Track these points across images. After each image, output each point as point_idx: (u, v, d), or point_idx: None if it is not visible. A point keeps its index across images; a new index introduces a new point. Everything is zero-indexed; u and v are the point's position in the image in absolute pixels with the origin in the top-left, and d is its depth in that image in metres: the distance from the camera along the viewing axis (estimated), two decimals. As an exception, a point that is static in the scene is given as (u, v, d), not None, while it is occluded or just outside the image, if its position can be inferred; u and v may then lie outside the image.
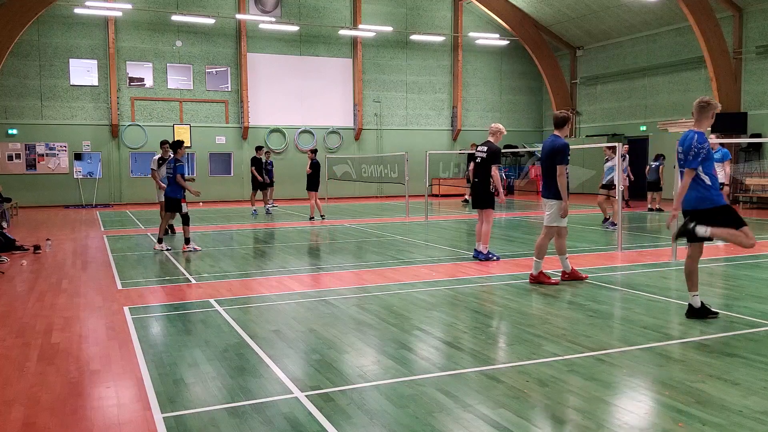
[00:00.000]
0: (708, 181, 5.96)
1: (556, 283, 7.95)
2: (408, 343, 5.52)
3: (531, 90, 30.75)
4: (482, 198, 9.84)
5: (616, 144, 11.58)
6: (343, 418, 3.89)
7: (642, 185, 21.16)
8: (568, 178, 7.90)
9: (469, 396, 4.23)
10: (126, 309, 6.87)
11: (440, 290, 7.77)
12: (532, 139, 30.67)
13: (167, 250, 11.25)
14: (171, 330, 6.03)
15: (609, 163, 15.01)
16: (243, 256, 10.95)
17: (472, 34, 28.16)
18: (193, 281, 8.50)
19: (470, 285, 8.08)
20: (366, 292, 7.70)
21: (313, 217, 17.03)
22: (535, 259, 8.01)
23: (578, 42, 28.04)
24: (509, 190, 29.14)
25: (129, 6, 22.99)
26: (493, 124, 9.96)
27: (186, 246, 11.21)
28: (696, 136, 6.03)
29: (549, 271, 8.33)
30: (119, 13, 23.21)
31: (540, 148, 9.62)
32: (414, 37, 27.74)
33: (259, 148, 19.04)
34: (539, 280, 7.98)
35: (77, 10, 22.21)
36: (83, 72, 23.78)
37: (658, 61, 24.48)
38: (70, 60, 23.42)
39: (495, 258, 9.94)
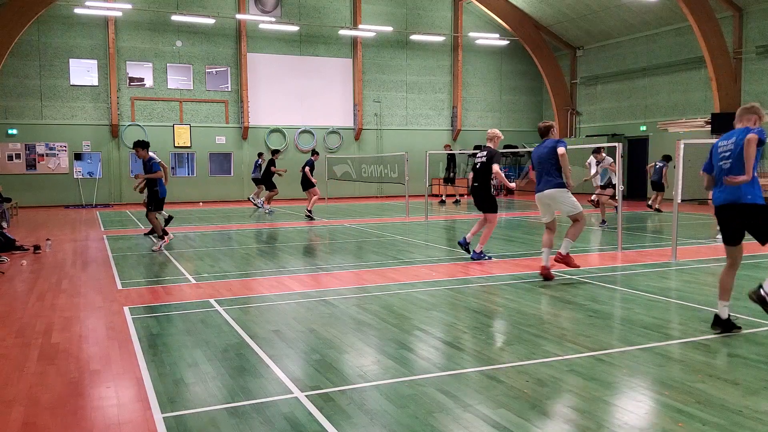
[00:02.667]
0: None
1: (578, 266, 8.36)
2: (408, 343, 5.52)
3: (531, 90, 30.74)
4: (484, 202, 9.87)
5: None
6: (343, 418, 3.89)
7: (640, 185, 21.19)
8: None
9: (469, 396, 4.23)
10: (126, 309, 6.87)
11: (440, 290, 7.77)
12: (532, 139, 30.64)
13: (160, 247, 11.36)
14: (171, 330, 6.03)
15: (603, 164, 15.15)
16: (243, 256, 10.95)
17: (472, 34, 28.16)
18: (193, 281, 8.50)
19: (470, 285, 8.08)
20: (366, 292, 7.70)
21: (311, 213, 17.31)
22: (566, 238, 8.20)
23: (578, 42, 28.04)
24: (509, 189, 29.15)
25: (129, 6, 22.98)
26: (490, 130, 9.99)
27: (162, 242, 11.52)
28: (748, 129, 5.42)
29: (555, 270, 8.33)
30: (119, 13, 23.21)
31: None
32: (414, 37, 27.74)
33: (275, 152, 19.59)
34: (566, 260, 8.19)
35: (77, 10, 22.20)
36: (83, 72, 23.78)
37: (658, 61, 24.48)
38: (70, 60, 23.42)
39: (487, 258, 9.92)
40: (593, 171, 19.92)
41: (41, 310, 6.91)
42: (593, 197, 20.19)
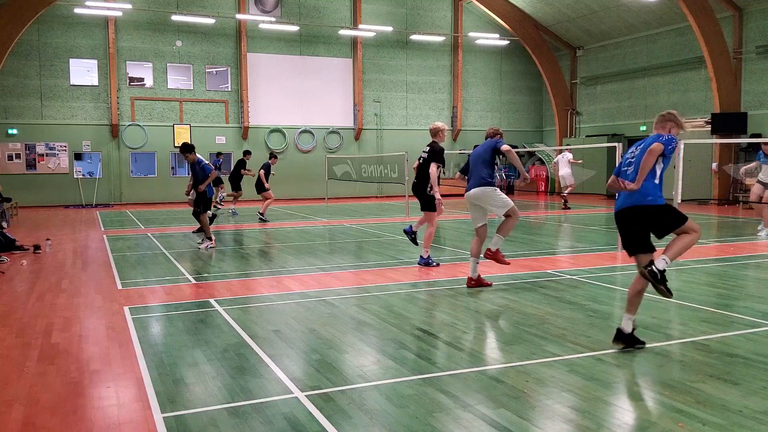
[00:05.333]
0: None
1: (508, 263, 8.13)
2: (408, 343, 5.52)
3: (531, 90, 30.73)
4: (422, 200, 9.45)
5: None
6: (343, 418, 3.89)
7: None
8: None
9: (469, 396, 4.23)
10: (126, 309, 6.87)
11: (440, 290, 7.77)
12: (532, 139, 30.68)
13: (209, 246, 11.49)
14: (171, 330, 6.03)
15: None
16: (243, 256, 10.95)
17: (472, 34, 28.16)
18: (193, 281, 8.50)
19: (470, 285, 8.07)
20: (366, 292, 7.70)
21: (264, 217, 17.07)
22: (498, 234, 7.85)
23: (578, 42, 28.03)
24: (509, 189, 29.14)
25: (129, 6, 22.98)
26: (432, 125, 9.41)
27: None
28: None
29: (486, 275, 8.30)
30: (119, 13, 23.20)
31: (540, 148, 9.65)
32: (414, 37, 27.73)
33: (247, 153, 18.90)
34: (496, 257, 7.89)
35: (77, 10, 22.20)
36: (83, 72, 23.77)
37: (658, 61, 24.48)
38: (70, 60, 23.41)
39: (435, 264, 9.45)
40: (562, 171, 20.22)
41: (41, 310, 6.91)
42: (564, 194, 20.38)
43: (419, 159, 9.69)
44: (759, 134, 20.69)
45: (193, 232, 13.89)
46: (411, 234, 9.85)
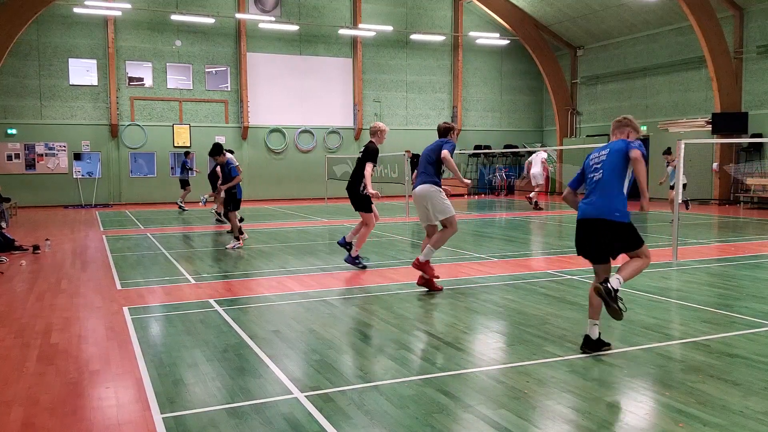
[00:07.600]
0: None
1: (437, 277, 7.65)
2: (408, 343, 5.51)
3: (531, 90, 30.71)
4: (356, 201, 9.19)
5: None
6: (343, 418, 3.88)
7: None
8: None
9: (469, 396, 4.22)
10: (125, 309, 6.86)
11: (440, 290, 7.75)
12: (532, 139, 30.66)
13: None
14: (171, 330, 6.02)
15: (670, 167, 15.39)
16: (243, 256, 10.94)
17: (472, 34, 28.14)
18: (193, 281, 8.48)
19: (470, 285, 8.07)
20: (366, 292, 7.69)
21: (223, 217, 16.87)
22: (429, 245, 7.56)
23: (579, 41, 28.02)
24: (509, 189, 29.13)
25: (128, 6, 22.96)
26: (372, 124, 9.13)
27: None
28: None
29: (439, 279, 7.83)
30: (119, 13, 23.18)
31: (540, 148, 9.51)
32: (414, 37, 27.72)
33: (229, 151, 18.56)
34: (423, 268, 7.50)
35: (77, 10, 22.18)
36: (83, 72, 23.75)
37: (658, 60, 24.47)
38: (70, 60, 23.39)
39: (361, 266, 9.12)
40: (534, 170, 20.19)
41: (40, 311, 6.90)
42: (531, 195, 20.33)
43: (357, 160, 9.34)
44: (760, 134, 20.68)
45: (227, 231, 13.93)
46: (346, 246, 9.35)
